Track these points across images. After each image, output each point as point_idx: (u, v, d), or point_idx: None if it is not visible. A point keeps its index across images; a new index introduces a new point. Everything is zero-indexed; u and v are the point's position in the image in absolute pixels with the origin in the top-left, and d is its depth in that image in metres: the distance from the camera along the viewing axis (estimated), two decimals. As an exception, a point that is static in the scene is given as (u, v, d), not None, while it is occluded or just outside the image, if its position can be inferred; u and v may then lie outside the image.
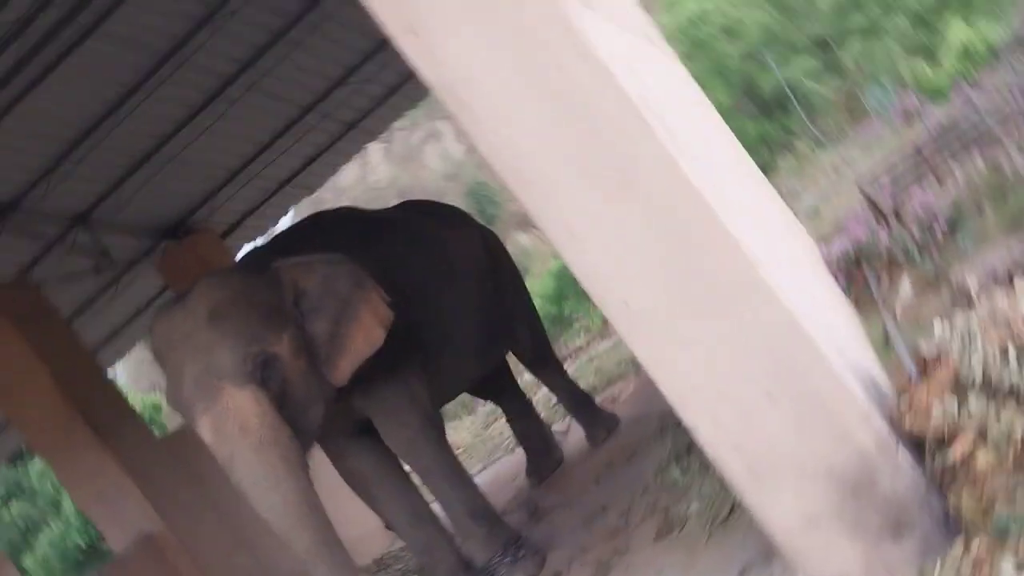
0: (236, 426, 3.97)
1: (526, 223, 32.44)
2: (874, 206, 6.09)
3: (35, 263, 8.02)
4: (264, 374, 4.12)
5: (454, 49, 2.81)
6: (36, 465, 17.74)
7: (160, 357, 4.38)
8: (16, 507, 17.90)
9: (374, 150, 41.82)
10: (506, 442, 9.70)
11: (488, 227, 7.17)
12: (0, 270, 7.81)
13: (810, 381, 2.77)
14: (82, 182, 7.79)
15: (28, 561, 16.36)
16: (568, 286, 18.22)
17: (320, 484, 4.30)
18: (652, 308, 2.85)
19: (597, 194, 2.78)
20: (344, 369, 4.46)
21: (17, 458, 18.15)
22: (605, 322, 13.45)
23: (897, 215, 5.17)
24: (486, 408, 12.99)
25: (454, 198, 21.28)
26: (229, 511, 6.90)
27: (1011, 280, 3.56)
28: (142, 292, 10.20)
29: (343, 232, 5.53)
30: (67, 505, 16.35)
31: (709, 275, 2.77)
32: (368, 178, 40.35)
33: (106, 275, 8.79)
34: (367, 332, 4.51)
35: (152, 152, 7.98)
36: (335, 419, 4.80)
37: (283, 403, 4.18)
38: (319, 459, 4.86)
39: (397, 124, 36.40)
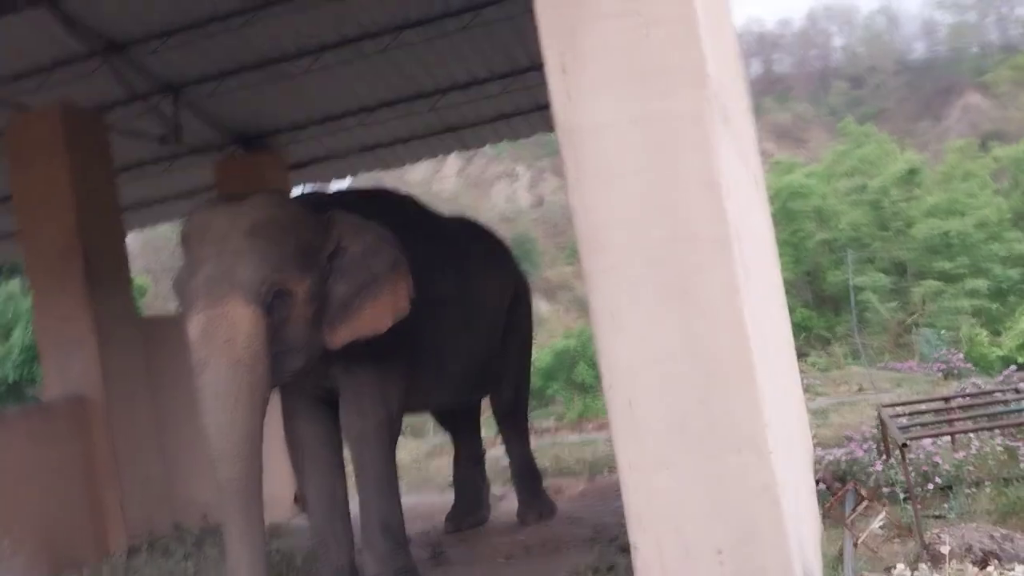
0: (225, 336, 4.00)
1: (551, 293, 32.53)
2: (884, 433, 6.06)
3: (113, 107, 8.11)
4: (273, 304, 4.17)
5: (592, 101, 2.89)
6: (8, 288, 17.80)
7: (187, 243, 4.42)
8: (-32, 315, 17.91)
9: (452, 163, 42.48)
10: (440, 480, 9.62)
11: (526, 279, 7.21)
12: (82, 97, 7.94)
13: (763, 563, 2.75)
14: (193, 55, 7.94)
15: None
16: (562, 369, 18.27)
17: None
18: (652, 419, 2.86)
19: (656, 293, 2.81)
20: (342, 337, 4.52)
21: (-4, 272, 18.26)
22: (579, 418, 13.57)
23: (901, 453, 5.13)
24: (435, 440, 12.94)
25: (500, 241, 21.25)
26: (171, 416, 6.89)
27: (985, 564, 3.52)
28: (188, 182, 10.29)
29: (401, 217, 5.61)
30: (17, 337, 16.37)
31: (720, 414, 2.78)
32: (434, 185, 40.87)
33: (168, 150, 8.88)
34: (378, 314, 4.57)
35: (271, 62, 8.12)
36: (308, 377, 4.83)
37: (278, 341, 4.22)
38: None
39: (484, 150, 36.88)
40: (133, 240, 17.15)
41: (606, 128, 2.87)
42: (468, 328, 5.80)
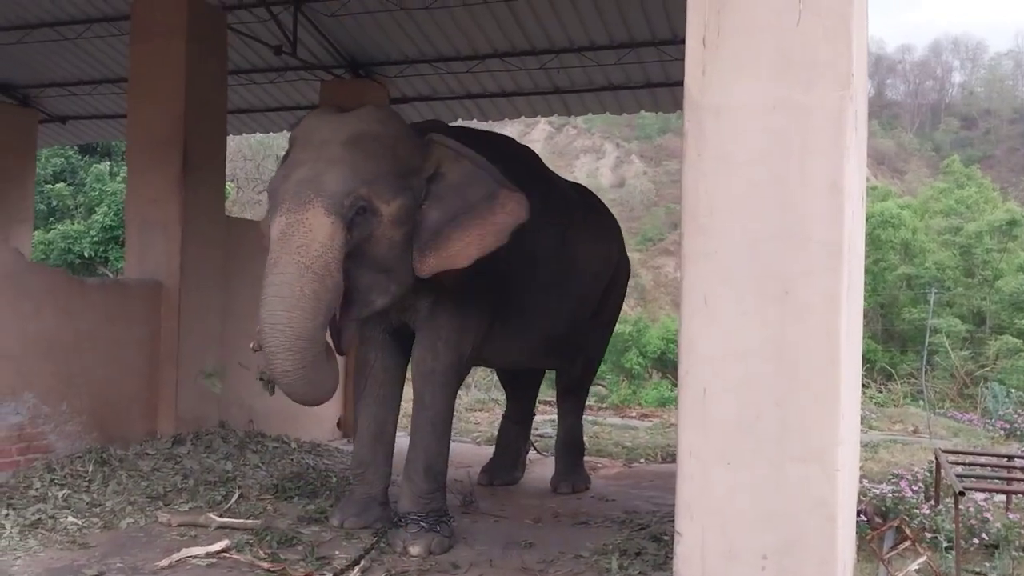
0: (299, 241, 4.01)
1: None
2: (937, 478, 5.92)
3: (235, 9, 8.21)
4: (355, 218, 4.15)
5: (728, 80, 2.82)
6: (100, 168, 18.32)
7: (292, 144, 4.48)
8: (57, 188, 18.50)
9: (541, 128, 42.32)
10: (478, 433, 9.70)
11: (629, 262, 7.12)
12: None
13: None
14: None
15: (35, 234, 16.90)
16: (612, 352, 18.20)
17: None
18: (723, 412, 2.82)
19: (755, 287, 2.75)
20: (430, 265, 4.43)
21: (90, 150, 18.79)
22: (623, 404, 13.53)
23: (955, 501, 4.99)
24: (478, 395, 13.04)
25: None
26: (237, 317, 7.04)
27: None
28: (292, 97, 10.43)
29: (515, 166, 5.56)
30: (99, 217, 16.85)
31: (795, 421, 2.73)
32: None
33: (279, 61, 8.97)
34: (466, 246, 4.44)
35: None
36: (400, 308, 4.85)
37: (358, 257, 4.22)
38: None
39: (575, 121, 36.51)
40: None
41: (737, 111, 2.80)
42: (560, 294, 5.74)
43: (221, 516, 5.14)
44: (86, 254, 16.63)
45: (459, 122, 10.71)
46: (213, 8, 7.62)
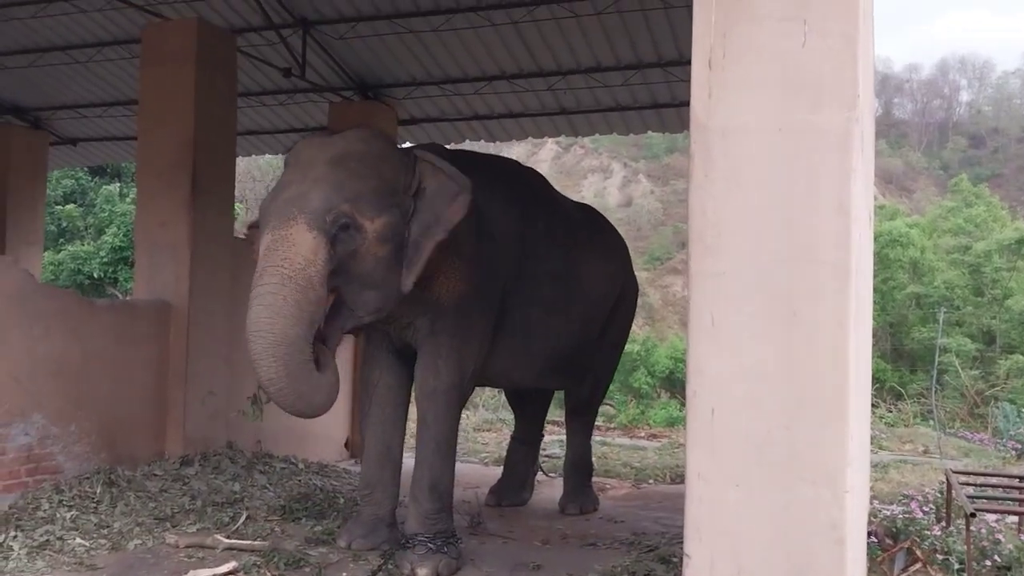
0: (283, 255, 4.11)
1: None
2: (948, 499, 5.87)
3: (244, 32, 8.29)
4: (338, 234, 4.23)
5: (734, 102, 2.83)
6: (109, 189, 18.43)
7: (284, 167, 4.61)
8: (68, 210, 18.62)
9: (549, 147, 42.45)
10: (485, 453, 9.69)
11: (636, 281, 7.13)
12: (216, 17, 8.14)
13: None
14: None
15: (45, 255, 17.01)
16: (620, 372, 18.13)
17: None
18: (732, 433, 2.81)
19: (763, 307, 2.75)
20: (409, 280, 4.49)
21: (100, 172, 18.91)
22: (631, 424, 13.48)
23: (967, 522, 4.95)
24: (485, 415, 13.03)
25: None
26: (244, 338, 7.03)
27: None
28: (301, 118, 10.51)
29: (519, 187, 5.63)
30: (108, 238, 16.95)
31: (804, 443, 2.72)
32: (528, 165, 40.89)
33: (288, 83, 9.06)
34: (433, 255, 4.52)
35: (403, 15, 8.23)
36: (391, 325, 4.90)
37: (345, 273, 4.28)
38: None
39: (583, 141, 36.60)
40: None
41: (744, 132, 2.80)
42: (564, 313, 5.75)
43: (229, 537, 5.13)
44: (95, 275, 16.71)
45: (467, 143, 10.79)
46: (223, 31, 7.69)
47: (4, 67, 9.84)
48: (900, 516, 5.93)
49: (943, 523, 5.81)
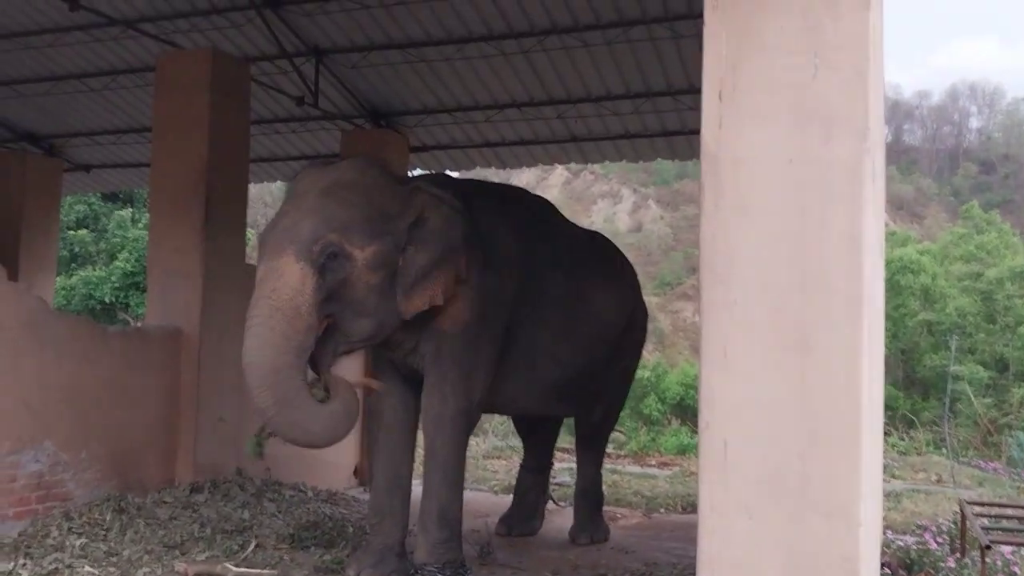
0: (272, 285, 4.20)
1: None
2: (963, 530, 5.81)
3: (257, 60, 8.38)
4: (326, 263, 4.29)
5: (745, 133, 2.84)
6: (122, 214, 18.56)
7: (286, 195, 4.69)
8: (80, 235, 18.75)
9: (558, 173, 42.60)
10: (494, 481, 9.63)
11: (646, 308, 7.13)
12: (229, 46, 8.23)
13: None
14: (344, 24, 8.15)
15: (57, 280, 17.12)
16: (630, 399, 18.05)
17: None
18: (744, 464, 2.79)
19: (775, 337, 2.74)
20: (414, 306, 4.58)
21: (112, 197, 19.06)
22: (641, 451, 13.39)
23: (982, 554, 4.91)
24: (495, 442, 12.98)
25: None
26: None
27: None
28: (313, 146, 10.58)
29: (527, 215, 5.70)
30: (120, 263, 17.04)
31: (817, 474, 2.70)
32: (538, 192, 41.02)
33: (301, 111, 9.12)
34: (448, 285, 4.65)
35: (415, 44, 8.29)
36: (396, 352, 4.94)
37: (338, 300, 4.35)
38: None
39: (592, 166, 36.72)
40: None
41: (754, 163, 2.81)
42: (572, 340, 5.75)
43: (238, 566, 5.11)
44: (107, 300, 16.78)
45: (477, 170, 10.83)
46: (237, 60, 7.77)
47: (21, 95, 9.95)
48: (914, 547, 5.88)
49: (958, 554, 5.75)
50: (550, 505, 7.53)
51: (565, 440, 9.34)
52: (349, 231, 4.34)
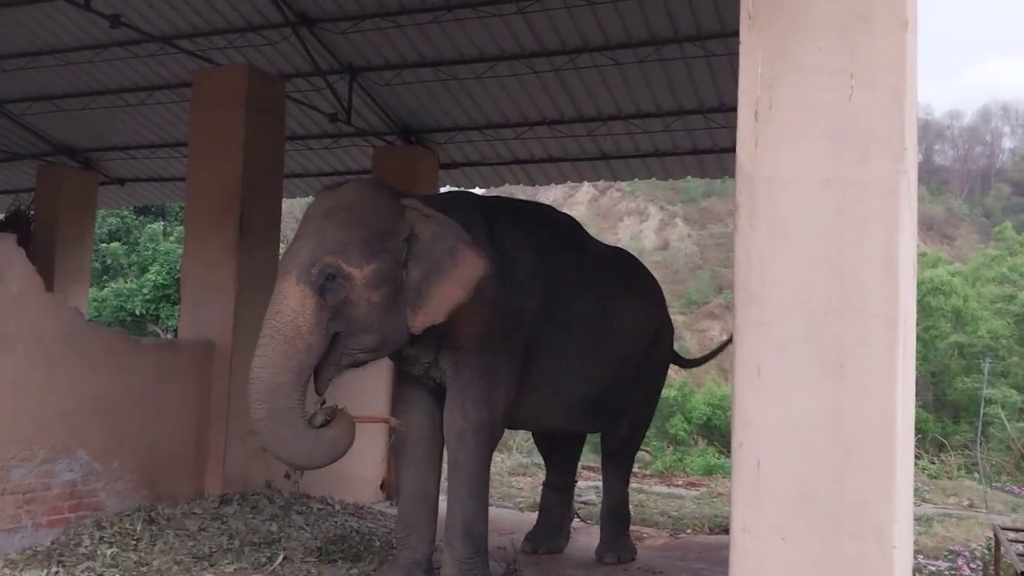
0: (276, 308, 4.42)
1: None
2: (996, 556, 5.73)
3: (291, 77, 8.49)
4: (325, 284, 4.44)
5: (781, 153, 2.85)
6: (153, 228, 18.81)
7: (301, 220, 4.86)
8: (112, 247, 19.01)
9: (585, 190, 42.64)
10: (520, 498, 9.61)
11: (672, 325, 7.11)
12: (264, 63, 8.35)
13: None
14: (378, 42, 8.26)
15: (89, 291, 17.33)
16: (656, 418, 17.94)
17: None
18: (778, 486, 2.78)
19: (810, 358, 2.73)
20: (419, 321, 4.66)
21: (145, 211, 19.32)
22: (667, 471, 13.31)
23: (1017, 579, 4.83)
24: (520, 459, 12.95)
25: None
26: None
27: None
28: (345, 163, 10.68)
29: (550, 232, 5.74)
30: (151, 276, 17.25)
31: (852, 496, 2.69)
32: (564, 208, 41.07)
33: (334, 128, 9.22)
34: (440, 300, 4.67)
35: (447, 62, 8.38)
36: (416, 367, 5.05)
37: (342, 320, 4.50)
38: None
39: (619, 184, 36.60)
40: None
41: (790, 183, 2.81)
42: (595, 355, 5.76)
43: (266, 578, 5.14)
44: (138, 312, 16.99)
45: (506, 187, 10.87)
46: (272, 77, 7.88)
47: (60, 109, 10.14)
48: (947, 572, 5.80)
49: (992, 581, 5.67)
50: (576, 522, 7.50)
51: (592, 459, 9.30)
52: (347, 252, 4.49)
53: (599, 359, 5.80)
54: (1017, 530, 6.40)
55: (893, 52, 2.78)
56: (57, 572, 4.92)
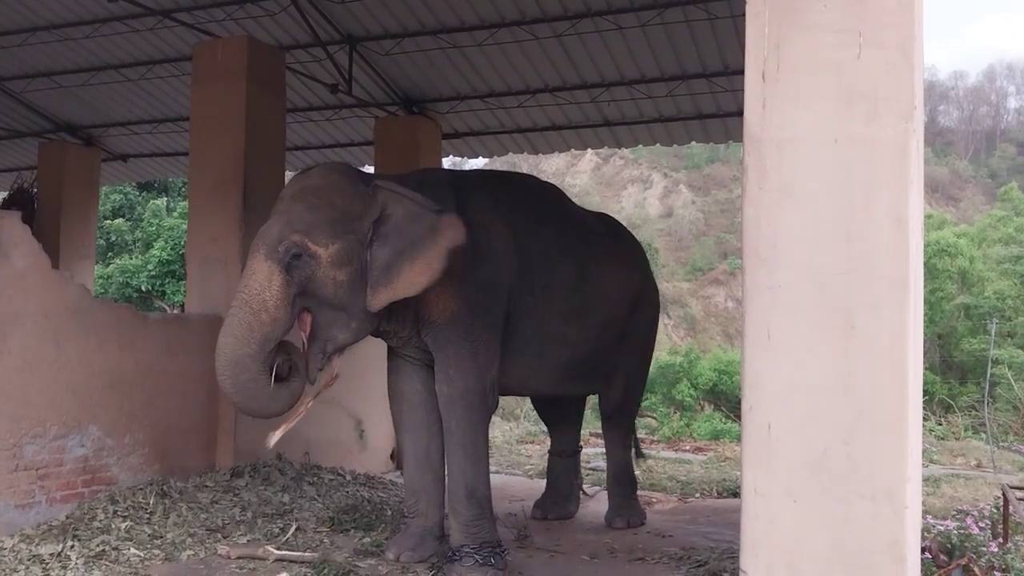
0: (245, 283, 4.60)
1: (664, 307, 32.16)
2: (1005, 514, 5.75)
3: (291, 49, 8.43)
4: (292, 262, 4.59)
5: (788, 114, 2.82)
6: (157, 203, 18.79)
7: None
8: (116, 224, 18.99)
9: (588, 159, 42.45)
10: (528, 465, 9.67)
11: (656, 285, 7.11)
12: (264, 35, 8.28)
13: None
14: (377, 12, 8.18)
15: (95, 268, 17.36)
16: (663, 384, 18.03)
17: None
18: (789, 448, 2.78)
19: (820, 320, 2.72)
20: (379, 299, 4.76)
21: (148, 186, 19.29)
22: (675, 435, 13.39)
23: (1026, 539, 4.86)
24: (528, 427, 13.02)
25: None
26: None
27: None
28: (347, 134, 10.63)
29: (531, 200, 5.84)
30: (156, 251, 17.26)
31: (862, 457, 2.69)
32: (567, 178, 40.92)
33: (335, 99, 9.17)
34: (415, 275, 4.77)
35: (448, 30, 8.31)
36: (393, 340, 5.22)
37: (311, 297, 4.66)
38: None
39: (623, 151, 36.48)
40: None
41: (799, 144, 2.79)
42: (579, 319, 5.81)
43: (279, 549, 5.18)
44: (143, 288, 17.02)
45: (509, 155, 10.81)
46: (272, 49, 7.82)
47: (60, 86, 10.09)
48: (955, 532, 5.81)
49: (1000, 539, 5.69)
50: (588, 487, 7.54)
51: (596, 425, 9.33)
52: (312, 232, 4.63)
53: (583, 323, 5.84)
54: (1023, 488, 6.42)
55: (900, 8, 2.75)
56: (72, 546, 4.96)
